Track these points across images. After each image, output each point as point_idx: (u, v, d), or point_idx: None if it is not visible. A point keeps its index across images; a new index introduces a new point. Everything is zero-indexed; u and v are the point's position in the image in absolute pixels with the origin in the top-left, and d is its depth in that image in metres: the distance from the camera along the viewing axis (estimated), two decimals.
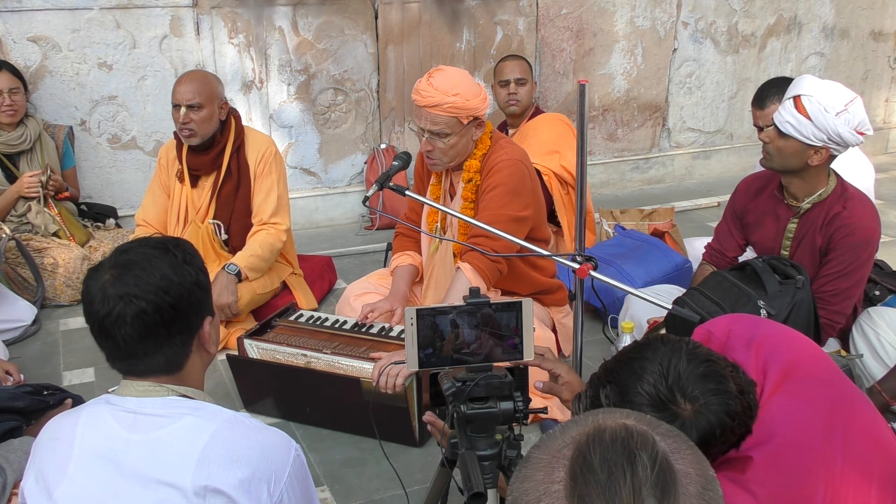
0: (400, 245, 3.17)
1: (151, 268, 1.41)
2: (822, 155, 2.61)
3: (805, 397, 1.59)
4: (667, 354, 1.44)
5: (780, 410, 1.57)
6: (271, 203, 3.45)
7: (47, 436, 1.48)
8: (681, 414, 1.40)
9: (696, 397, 1.40)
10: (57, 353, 3.41)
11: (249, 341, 2.81)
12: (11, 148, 3.91)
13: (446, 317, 1.64)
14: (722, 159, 6.07)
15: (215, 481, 1.34)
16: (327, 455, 2.69)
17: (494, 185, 2.81)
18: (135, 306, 1.38)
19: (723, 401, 1.41)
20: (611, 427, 0.81)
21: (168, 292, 1.40)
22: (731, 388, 1.42)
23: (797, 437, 1.54)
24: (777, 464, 1.51)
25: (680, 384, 1.41)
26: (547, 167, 3.89)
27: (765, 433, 1.52)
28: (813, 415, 1.56)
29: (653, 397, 1.41)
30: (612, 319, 3.31)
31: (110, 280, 1.40)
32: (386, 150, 4.96)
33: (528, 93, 4.18)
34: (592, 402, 1.49)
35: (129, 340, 1.40)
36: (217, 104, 3.35)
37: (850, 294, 2.69)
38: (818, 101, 2.52)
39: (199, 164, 3.45)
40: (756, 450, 1.52)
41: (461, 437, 1.63)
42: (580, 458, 0.78)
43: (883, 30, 6.32)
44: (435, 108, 2.73)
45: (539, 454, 0.82)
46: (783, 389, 1.60)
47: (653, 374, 1.42)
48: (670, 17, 5.56)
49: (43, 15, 4.19)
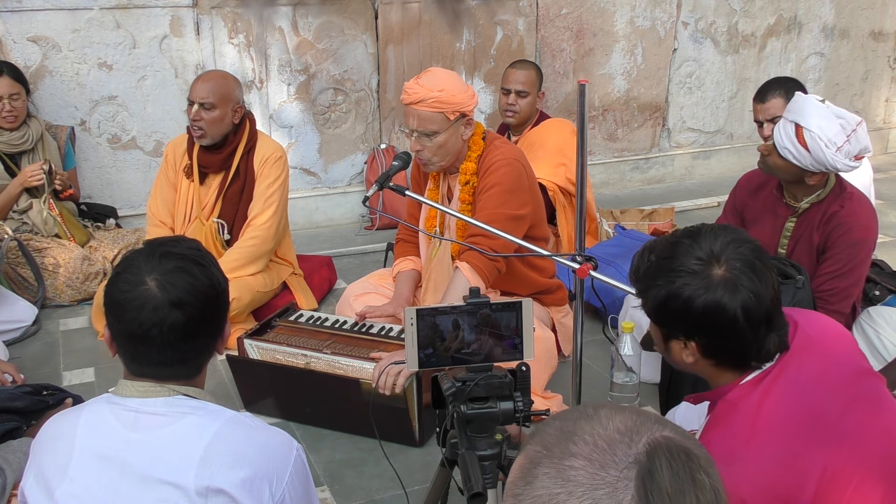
0: (402, 251, 3.18)
1: (196, 273, 1.42)
2: (819, 177, 2.64)
3: (830, 374, 1.60)
4: (729, 235, 1.59)
5: (801, 374, 1.58)
6: (259, 204, 3.45)
7: (47, 435, 1.47)
8: (711, 275, 1.53)
9: (733, 267, 1.54)
10: (57, 354, 3.41)
11: (249, 341, 2.81)
12: (13, 147, 3.91)
13: (446, 317, 1.64)
14: (722, 159, 6.07)
15: (218, 481, 1.34)
16: (327, 455, 2.69)
17: (491, 184, 2.81)
18: (187, 312, 1.39)
19: (752, 291, 1.53)
20: (666, 444, 0.80)
21: (213, 298, 1.43)
22: (765, 290, 1.54)
23: (813, 405, 1.54)
24: (781, 424, 1.52)
25: (724, 254, 1.55)
26: (552, 181, 3.86)
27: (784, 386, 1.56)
28: (833, 392, 1.56)
29: (694, 255, 1.56)
30: (612, 319, 3.31)
31: (158, 286, 1.38)
32: (386, 150, 4.96)
33: (529, 105, 4.09)
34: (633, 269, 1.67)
35: (172, 346, 1.40)
36: (231, 106, 3.36)
37: (848, 294, 2.69)
38: (819, 138, 2.53)
39: (209, 162, 3.46)
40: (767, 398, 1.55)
41: (461, 437, 1.63)
42: (649, 477, 0.77)
43: (883, 30, 6.32)
44: (420, 103, 2.73)
45: (592, 469, 0.79)
46: (808, 359, 1.61)
47: (705, 238, 1.59)
48: (670, 17, 5.56)
49: (43, 15, 4.19)
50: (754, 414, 1.54)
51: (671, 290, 1.57)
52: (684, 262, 1.57)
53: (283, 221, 3.62)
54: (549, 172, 3.86)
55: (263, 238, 3.44)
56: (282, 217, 3.54)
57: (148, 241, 1.54)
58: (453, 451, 1.69)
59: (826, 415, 1.54)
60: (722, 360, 1.61)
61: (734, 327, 1.54)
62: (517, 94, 4.07)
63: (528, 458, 0.84)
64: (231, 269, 3.31)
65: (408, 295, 3.01)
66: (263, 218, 3.44)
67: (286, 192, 3.55)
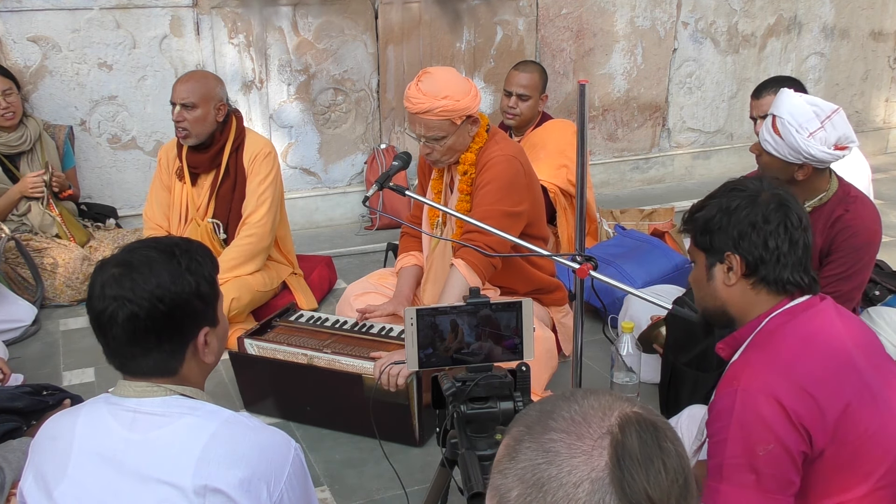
0: (406, 245, 3.18)
1: (150, 273, 1.39)
2: (806, 171, 2.60)
3: (860, 336, 1.73)
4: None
5: (835, 325, 1.71)
6: (252, 202, 3.44)
7: (46, 435, 1.47)
8: (760, 194, 1.76)
9: (777, 193, 1.76)
10: (57, 353, 3.41)
11: (249, 341, 2.81)
12: (11, 149, 3.90)
13: (446, 317, 1.65)
14: (722, 159, 6.07)
15: (215, 481, 1.34)
16: (327, 455, 2.69)
17: (488, 180, 2.81)
18: (127, 309, 1.38)
19: (796, 212, 1.74)
20: (636, 417, 0.89)
21: (162, 300, 1.39)
22: (804, 218, 1.74)
23: (847, 351, 1.67)
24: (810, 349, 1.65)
25: (769, 189, 1.77)
26: (553, 183, 3.85)
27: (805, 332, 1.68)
28: (862, 348, 1.70)
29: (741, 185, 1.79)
30: (612, 319, 3.31)
31: (110, 278, 1.40)
32: (386, 150, 4.96)
33: (531, 108, 4.03)
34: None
35: (119, 341, 1.40)
36: (213, 105, 3.35)
37: (851, 297, 2.68)
38: (789, 123, 2.52)
39: (197, 162, 3.46)
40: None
41: (461, 437, 1.63)
42: (620, 445, 0.86)
43: (883, 30, 6.32)
44: (427, 113, 2.73)
45: (569, 440, 0.87)
46: (839, 319, 1.74)
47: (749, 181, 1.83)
48: (670, 17, 5.56)
49: (43, 15, 4.19)
50: (803, 335, 1.67)
51: (722, 204, 1.78)
52: (734, 189, 1.81)
53: (281, 219, 3.62)
54: (550, 174, 3.84)
55: (260, 235, 3.44)
56: (277, 213, 3.53)
57: (153, 237, 1.54)
58: (453, 451, 1.69)
59: (857, 364, 1.64)
60: (762, 279, 1.74)
61: (779, 234, 1.72)
62: (518, 97, 4.02)
63: (512, 437, 0.92)
64: (229, 267, 3.31)
65: (408, 293, 3.00)
66: (258, 215, 3.43)
67: (279, 188, 3.55)
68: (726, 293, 1.78)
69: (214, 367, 1.55)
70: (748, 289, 1.75)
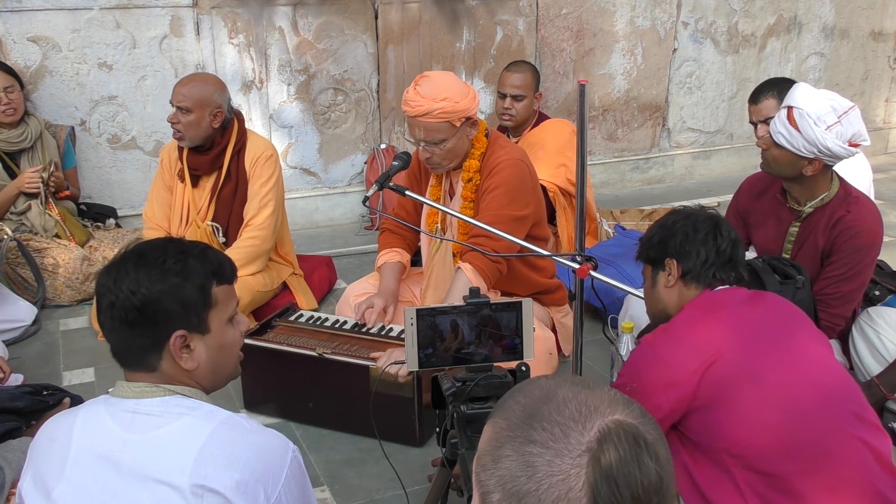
0: (386, 241, 3.13)
1: (134, 270, 1.44)
2: (816, 166, 2.60)
3: (772, 314, 1.99)
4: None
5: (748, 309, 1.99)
6: (255, 204, 3.44)
7: (45, 436, 1.48)
8: (695, 212, 2.14)
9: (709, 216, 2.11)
10: (57, 354, 3.41)
11: (249, 341, 2.81)
12: (12, 146, 3.90)
13: (446, 317, 1.65)
14: (722, 159, 6.07)
15: (211, 481, 1.34)
16: (327, 455, 2.69)
17: (496, 185, 2.81)
18: (107, 298, 1.44)
19: (717, 225, 2.08)
20: (616, 429, 0.90)
21: (135, 294, 1.42)
22: (730, 236, 2.06)
23: (748, 319, 1.96)
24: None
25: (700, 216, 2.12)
26: (553, 182, 3.84)
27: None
28: (769, 320, 1.97)
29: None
30: (612, 319, 3.30)
31: (107, 267, 1.48)
32: (386, 150, 4.96)
33: (526, 108, 4.04)
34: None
35: (105, 326, 1.47)
36: (209, 112, 3.32)
37: (851, 297, 2.68)
38: (808, 115, 2.52)
39: (198, 164, 3.45)
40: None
41: (461, 437, 1.63)
42: (597, 465, 0.87)
43: (883, 30, 6.32)
44: (425, 116, 2.73)
45: (549, 456, 0.88)
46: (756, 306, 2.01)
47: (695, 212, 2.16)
48: (670, 17, 5.56)
49: (43, 15, 4.19)
50: (697, 302, 2.01)
51: (663, 222, 2.14)
52: (674, 212, 2.18)
53: (283, 220, 3.62)
54: (549, 173, 3.84)
55: (263, 237, 3.44)
56: (279, 215, 3.53)
57: (168, 237, 1.62)
58: (453, 451, 1.69)
59: (755, 325, 1.93)
60: (693, 278, 2.04)
61: (707, 240, 2.04)
62: (513, 98, 4.02)
63: (495, 431, 0.94)
64: None
65: (394, 288, 2.98)
66: (261, 218, 3.43)
67: (281, 190, 3.55)
68: (666, 294, 2.10)
69: (212, 374, 1.51)
70: (683, 288, 2.07)
